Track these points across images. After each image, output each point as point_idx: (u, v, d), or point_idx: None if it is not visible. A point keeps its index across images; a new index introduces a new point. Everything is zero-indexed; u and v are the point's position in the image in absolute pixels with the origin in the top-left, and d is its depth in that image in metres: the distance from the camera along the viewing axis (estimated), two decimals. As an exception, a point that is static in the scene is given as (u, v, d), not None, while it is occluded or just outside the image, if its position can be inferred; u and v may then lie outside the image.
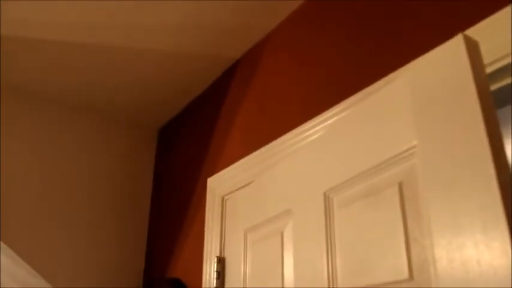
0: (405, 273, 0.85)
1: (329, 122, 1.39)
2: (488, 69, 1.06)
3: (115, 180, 2.42)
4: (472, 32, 1.09)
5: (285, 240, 1.27)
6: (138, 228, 2.40)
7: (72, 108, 2.40)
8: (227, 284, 1.56)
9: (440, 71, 0.89)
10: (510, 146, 1.57)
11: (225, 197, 1.76)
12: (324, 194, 1.13)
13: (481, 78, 0.84)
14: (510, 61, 1.03)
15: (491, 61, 1.06)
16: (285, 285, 1.22)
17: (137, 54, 2.05)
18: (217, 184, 1.84)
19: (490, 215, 0.72)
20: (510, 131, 1.52)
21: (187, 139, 2.31)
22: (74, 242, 2.18)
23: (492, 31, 1.06)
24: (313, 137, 1.42)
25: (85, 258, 2.18)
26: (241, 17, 1.83)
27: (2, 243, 1.78)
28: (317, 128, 1.44)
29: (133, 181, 2.48)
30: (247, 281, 1.41)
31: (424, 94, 0.92)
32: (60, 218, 2.18)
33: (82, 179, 2.31)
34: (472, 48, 0.86)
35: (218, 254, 1.66)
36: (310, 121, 1.48)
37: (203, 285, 1.71)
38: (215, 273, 1.61)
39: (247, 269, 1.44)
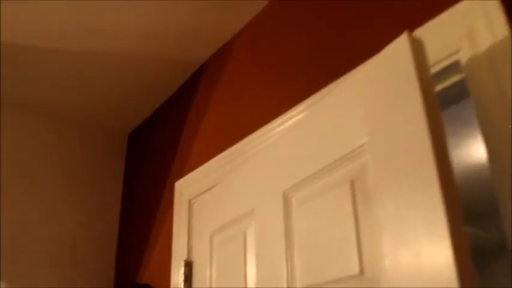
0: (356, 269, 0.87)
1: (289, 123, 1.40)
2: (439, 66, 1.09)
3: (85, 186, 2.40)
4: (423, 30, 1.11)
5: (248, 240, 1.28)
6: (108, 234, 2.38)
7: (41, 113, 2.37)
8: (194, 286, 1.56)
9: (387, 70, 0.91)
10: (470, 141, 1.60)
11: (192, 200, 1.76)
12: (283, 193, 1.14)
13: (425, 77, 0.86)
14: (459, 58, 1.05)
15: (443, 58, 1.09)
16: (248, 286, 1.22)
17: (105, 59, 2.04)
18: (184, 187, 1.84)
19: (432, 211, 0.74)
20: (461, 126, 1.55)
21: (156, 143, 2.31)
22: (43, 248, 2.15)
23: (442, 30, 1.09)
24: (274, 138, 1.43)
25: (54, 265, 2.16)
26: (207, 20, 1.83)
27: None
28: (278, 129, 1.45)
29: (103, 187, 2.46)
30: (212, 283, 1.42)
31: (374, 94, 0.94)
32: (28, 223, 2.15)
33: (51, 184, 2.29)
34: (417, 48, 0.88)
35: (186, 258, 1.66)
36: (272, 122, 1.49)
37: (172, 289, 1.71)
38: (182, 276, 1.61)
39: (213, 271, 1.44)
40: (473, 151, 2.48)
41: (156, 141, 2.31)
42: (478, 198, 2.72)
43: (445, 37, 1.06)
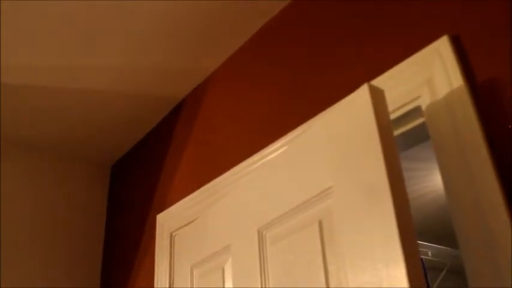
0: (324, 303, 0.92)
1: (265, 160, 1.47)
2: (402, 111, 1.17)
3: (68, 218, 2.42)
4: (387, 76, 1.20)
5: (226, 275, 1.33)
6: (91, 265, 2.39)
7: (24, 145, 2.41)
8: (175, 319, 1.59)
9: (349, 117, 0.98)
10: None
11: (173, 233, 1.80)
12: (258, 230, 1.20)
13: (385, 124, 0.93)
14: (420, 104, 1.13)
15: (406, 103, 1.17)
16: (225, 319, 1.27)
17: (89, 95, 2.10)
18: (166, 220, 1.88)
19: (389, 248, 0.81)
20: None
21: (138, 175, 2.35)
22: (26, 280, 2.17)
23: (404, 77, 1.17)
24: (251, 175, 1.49)
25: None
26: (186, 58, 1.91)
27: None
28: (255, 165, 1.51)
29: (86, 219, 2.49)
30: (192, 316, 1.45)
31: (337, 139, 1.01)
32: (10, 256, 2.16)
33: (34, 216, 2.31)
34: (377, 96, 0.96)
35: (167, 290, 1.70)
36: (250, 158, 1.55)
37: (153, 322, 1.74)
38: (163, 308, 1.64)
39: (193, 304, 1.48)
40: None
41: (139, 173, 2.35)
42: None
43: (407, 84, 1.14)
